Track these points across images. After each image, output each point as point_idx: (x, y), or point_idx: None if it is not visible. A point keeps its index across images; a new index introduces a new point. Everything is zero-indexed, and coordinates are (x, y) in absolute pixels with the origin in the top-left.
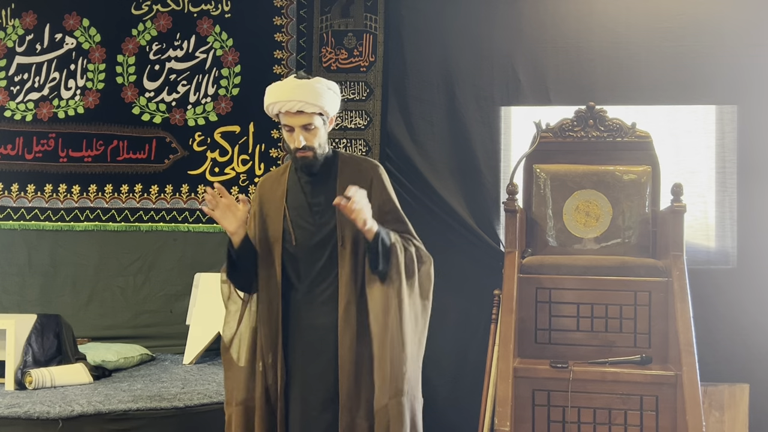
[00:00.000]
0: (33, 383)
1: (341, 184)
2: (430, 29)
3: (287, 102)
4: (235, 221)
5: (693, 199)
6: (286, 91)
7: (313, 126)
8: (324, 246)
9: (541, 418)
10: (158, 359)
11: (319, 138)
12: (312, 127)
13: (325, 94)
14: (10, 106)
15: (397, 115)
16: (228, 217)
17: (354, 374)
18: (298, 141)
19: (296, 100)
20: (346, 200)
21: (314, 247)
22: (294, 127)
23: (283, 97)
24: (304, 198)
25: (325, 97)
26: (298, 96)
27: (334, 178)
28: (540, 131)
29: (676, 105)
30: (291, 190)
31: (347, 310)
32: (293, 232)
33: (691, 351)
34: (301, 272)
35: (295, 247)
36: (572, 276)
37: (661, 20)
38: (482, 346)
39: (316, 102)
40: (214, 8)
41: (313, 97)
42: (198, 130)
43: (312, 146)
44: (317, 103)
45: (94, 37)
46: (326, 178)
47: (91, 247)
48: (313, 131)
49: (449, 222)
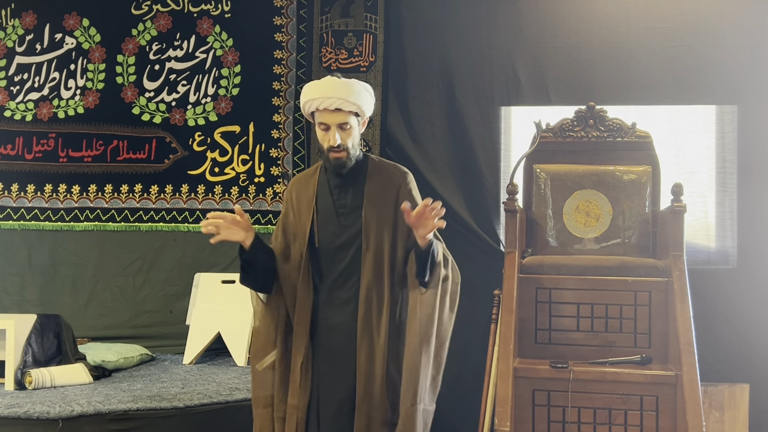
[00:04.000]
0: (33, 383)
1: (369, 189)
2: (430, 29)
3: (326, 99)
4: (241, 232)
5: (693, 199)
6: (325, 88)
7: (348, 125)
8: (347, 248)
9: (541, 418)
10: (158, 359)
11: (353, 138)
12: (348, 126)
13: (362, 94)
14: (10, 106)
15: (397, 115)
16: (234, 232)
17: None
18: (334, 139)
19: (335, 97)
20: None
21: (337, 249)
22: (330, 125)
23: (322, 94)
24: (331, 200)
25: (363, 96)
26: (337, 93)
27: (362, 182)
28: (540, 131)
29: (676, 105)
30: (320, 191)
31: (367, 313)
32: (318, 233)
33: (691, 351)
34: (324, 273)
35: (318, 248)
36: (572, 276)
37: (661, 20)
38: (482, 346)
39: (354, 101)
40: (214, 8)
41: (352, 96)
42: (198, 130)
43: (346, 146)
44: (356, 101)
45: (94, 37)
46: (354, 181)
47: (90, 247)
48: (348, 131)
49: (449, 222)
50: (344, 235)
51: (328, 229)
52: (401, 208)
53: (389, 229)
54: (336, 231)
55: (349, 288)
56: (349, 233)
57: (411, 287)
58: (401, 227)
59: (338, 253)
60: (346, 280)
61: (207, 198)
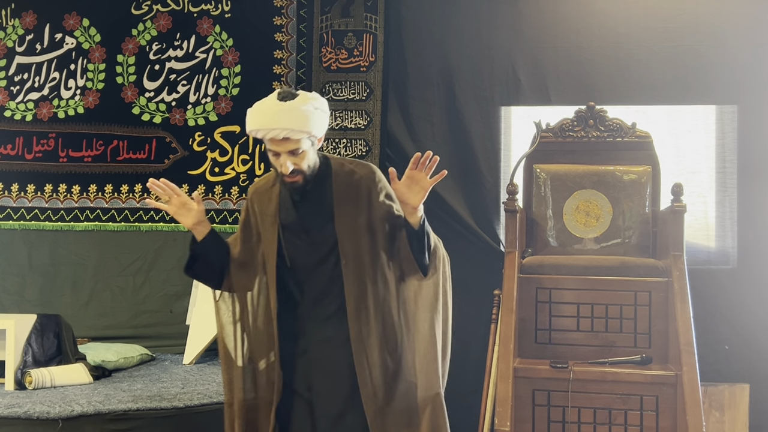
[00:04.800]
0: (33, 383)
1: (338, 198)
2: (431, 29)
3: (271, 130)
4: (191, 217)
5: (693, 199)
6: (269, 117)
7: (300, 150)
8: (324, 262)
9: (541, 418)
10: (158, 359)
11: (307, 160)
12: (300, 151)
13: (312, 115)
14: (10, 106)
15: (397, 115)
16: (183, 213)
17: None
18: (286, 167)
19: (281, 128)
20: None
21: (315, 265)
22: (280, 153)
23: (266, 124)
24: (297, 217)
25: (313, 119)
26: (283, 123)
27: (328, 191)
28: (540, 131)
29: (676, 105)
30: (283, 206)
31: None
32: (287, 252)
33: (691, 351)
34: (304, 288)
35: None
36: (572, 276)
37: (661, 20)
38: (482, 346)
39: (303, 128)
40: (214, 8)
41: (299, 123)
42: (198, 130)
43: (301, 170)
44: (304, 128)
45: (94, 37)
46: (320, 192)
47: (90, 247)
48: (301, 155)
49: (449, 222)
50: (319, 250)
51: (297, 245)
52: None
53: (367, 236)
54: (307, 247)
55: (332, 301)
56: (325, 248)
57: (408, 275)
58: (380, 229)
59: (316, 268)
60: (327, 293)
61: (207, 198)
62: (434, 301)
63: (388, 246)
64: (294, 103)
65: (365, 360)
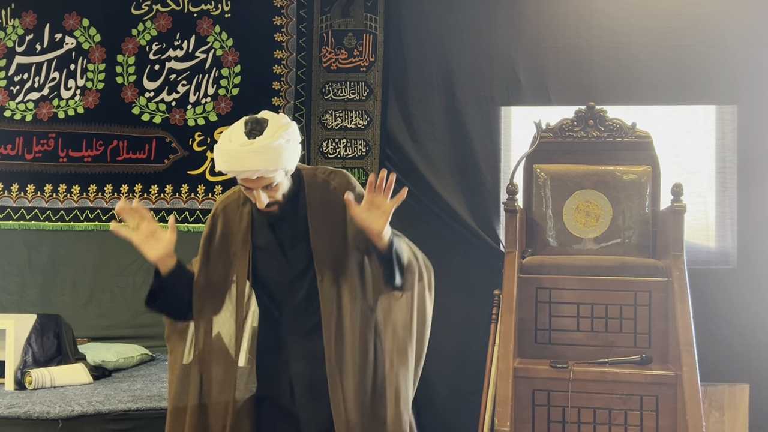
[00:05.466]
0: (33, 383)
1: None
2: (430, 29)
3: (243, 172)
4: (158, 249)
5: (693, 199)
6: (239, 159)
7: (275, 183)
8: (301, 278)
9: (541, 418)
10: (158, 359)
11: (282, 189)
12: (274, 185)
13: (284, 151)
14: (10, 106)
15: (397, 115)
16: (150, 244)
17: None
18: (261, 202)
19: (253, 170)
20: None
21: (290, 282)
22: (254, 188)
23: (237, 167)
24: (270, 235)
25: (286, 154)
26: (254, 165)
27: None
28: (540, 131)
29: (676, 105)
30: (256, 227)
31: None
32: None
33: (691, 351)
34: (281, 305)
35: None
36: (572, 276)
37: (661, 20)
38: (482, 346)
39: (276, 166)
40: (214, 8)
41: (272, 162)
42: (198, 130)
43: (276, 201)
44: (278, 166)
45: (94, 37)
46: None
47: (90, 247)
48: (275, 187)
49: (449, 222)
50: (294, 267)
51: (272, 265)
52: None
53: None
54: (282, 266)
55: (310, 316)
56: (300, 264)
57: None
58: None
59: (292, 284)
60: (305, 308)
61: (207, 198)
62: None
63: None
64: (264, 141)
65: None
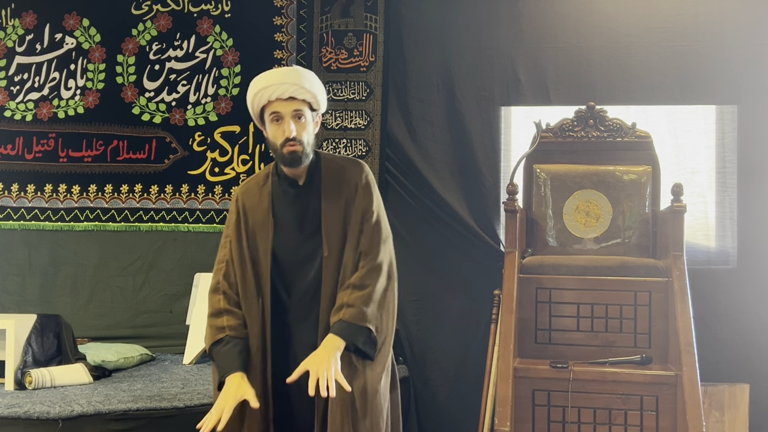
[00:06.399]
0: (33, 383)
1: (326, 194)
2: (430, 29)
3: (279, 86)
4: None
5: (693, 199)
6: (276, 75)
7: (303, 117)
8: (312, 259)
9: (541, 418)
10: (158, 359)
11: (308, 133)
12: (303, 117)
13: (315, 82)
14: (10, 106)
15: (397, 115)
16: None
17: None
18: (289, 130)
19: (289, 83)
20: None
21: (301, 262)
22: (284, 115)
23: (273, 81)
24: (290, 212)
25: (318, 86)
26: (290, 79)
27: (317, 187)
28: (540, 131)
29: (676, 105)
30: (277, 202)
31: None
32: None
33: (691, 351)
34: (291, 289)
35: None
36: (572, 276)
37: (661, 20)
38: (482, 346)
39: (309, 87)
40: (214, 8)
41: (305, 82)
42: (198, 130)
43: (301, 140)
44: (310, 89)
45: (94, 37)
46: (309, 189)
47: (90, 247)
48: (303, 123)
49: (449, 222)
50: (307, 246)
51: (289, 242)
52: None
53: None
54: (298, 242)
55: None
56: (312, 243)
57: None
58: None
59: (303, 266)
60: (313, 294)
61: (207, 198)
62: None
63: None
64: (298, 68)
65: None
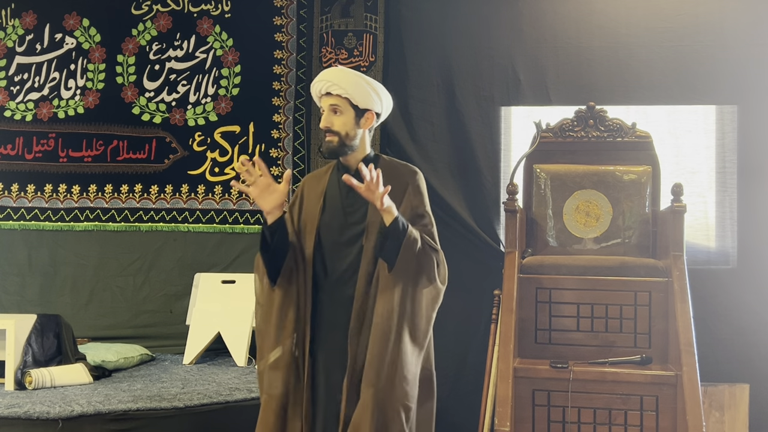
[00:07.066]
0: (33, 383)
1: None
2: (430, 29)
3: (318, 82)
4: (271, 202)
5: (693, 199)
6: (321, 74)
7: (339, 110)
8: (351, 244)
9: (541, 418)
10: (158, 359)
11: (344, 124)
12: (338, 110)
13: (358, 83)
14: (10, 106)
15: (397, 115)
16: (265, 197)
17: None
18: (323, 122)
19: (325, 81)
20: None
21: (342, 245)
22: (324, 109)
23: (318, 78)
24: (339, 197)
25: (358, 87)
26: (328, 77)
27: None
28: (540, 131)
29: (676, 105)
30: (330, 187)
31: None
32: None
33: (691, 351)
34: (328, 269)
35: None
36: (572, 276)
37: (661, 20)
38: (482, 346)
39: (343, 85)
40: (214, 8)
41: (341, 81)
42: (198, 130)
43: (337, 131)
44: (344, 87)
45: (94, 37)
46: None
47: (90, 247)
48: (338, 116)
49: (449, 222)
50: (349, 232)
51: (333, 225)
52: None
53: None
54: (341, 228)
55: (352, 286)
56: (355, 231)
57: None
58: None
59: (342, 249)
60: (349, 278)
61: (207, 198)
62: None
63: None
64: (345, 69)
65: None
